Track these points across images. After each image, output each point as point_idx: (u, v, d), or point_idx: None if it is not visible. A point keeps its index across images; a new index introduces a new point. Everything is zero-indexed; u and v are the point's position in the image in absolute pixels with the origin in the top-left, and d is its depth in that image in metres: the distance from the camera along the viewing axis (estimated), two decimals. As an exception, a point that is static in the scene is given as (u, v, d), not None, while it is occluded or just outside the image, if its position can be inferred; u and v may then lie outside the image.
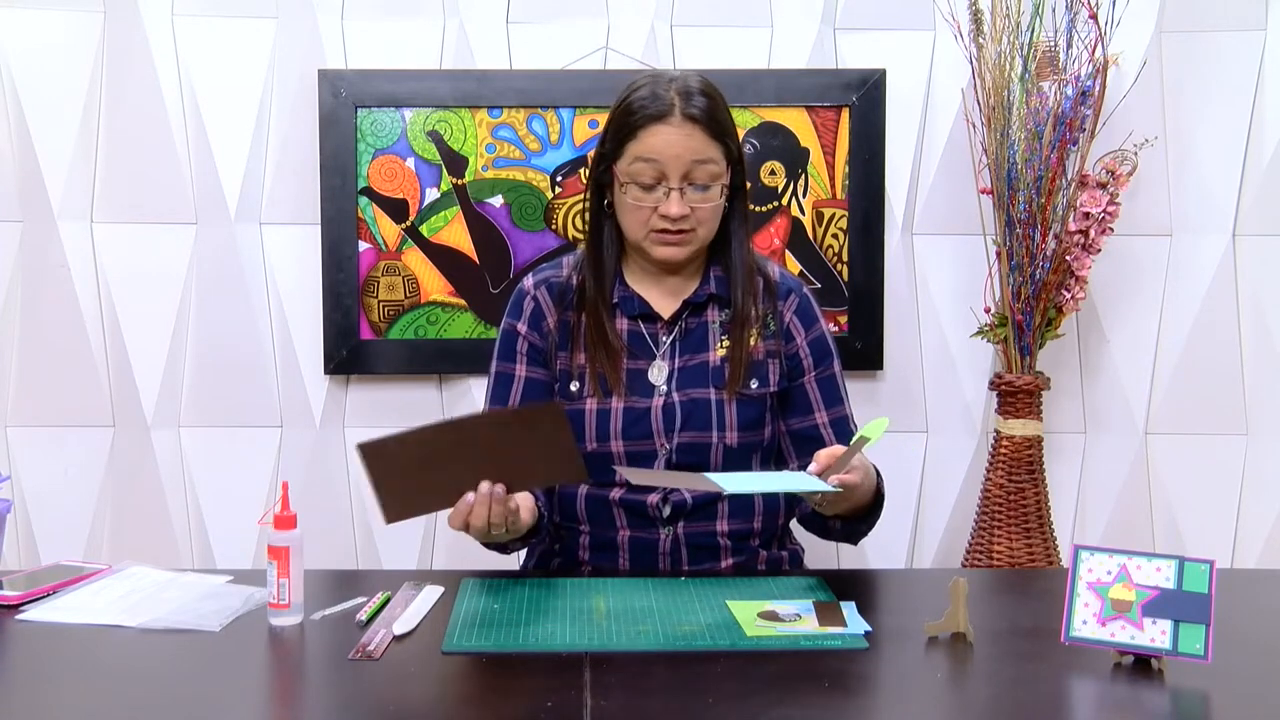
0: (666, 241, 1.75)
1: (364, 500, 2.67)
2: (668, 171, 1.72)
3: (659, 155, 1.72)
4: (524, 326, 1.84)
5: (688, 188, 1.73)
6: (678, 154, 1.72)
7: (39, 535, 2.64)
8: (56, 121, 2.58)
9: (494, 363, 1.86)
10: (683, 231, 1.75)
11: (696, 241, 1.77)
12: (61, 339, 2.61)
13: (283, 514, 1.50)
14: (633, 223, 1.77)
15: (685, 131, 1.72)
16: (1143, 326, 2.69)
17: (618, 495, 1.78)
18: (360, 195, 2.58)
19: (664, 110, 1.72)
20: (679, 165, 1.72)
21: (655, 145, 1.72)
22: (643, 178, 1.73)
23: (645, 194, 1.74)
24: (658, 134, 1.72)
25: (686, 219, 1.74)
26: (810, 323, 1.86)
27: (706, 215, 1.76)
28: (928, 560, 2.72)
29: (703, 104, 1.73)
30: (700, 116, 1.73)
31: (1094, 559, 1.38)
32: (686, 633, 1.45)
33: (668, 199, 1.72)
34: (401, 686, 1.31)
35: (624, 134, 1.75)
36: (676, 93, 1.73)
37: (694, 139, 1.72)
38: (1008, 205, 2.47)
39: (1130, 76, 2.57)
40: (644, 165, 1.73)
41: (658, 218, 1.74)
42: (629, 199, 1.75)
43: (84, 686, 1.33)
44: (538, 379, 1.82)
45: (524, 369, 1.83)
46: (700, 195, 1.74)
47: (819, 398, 1.84)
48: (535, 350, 1.83)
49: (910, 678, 1.37)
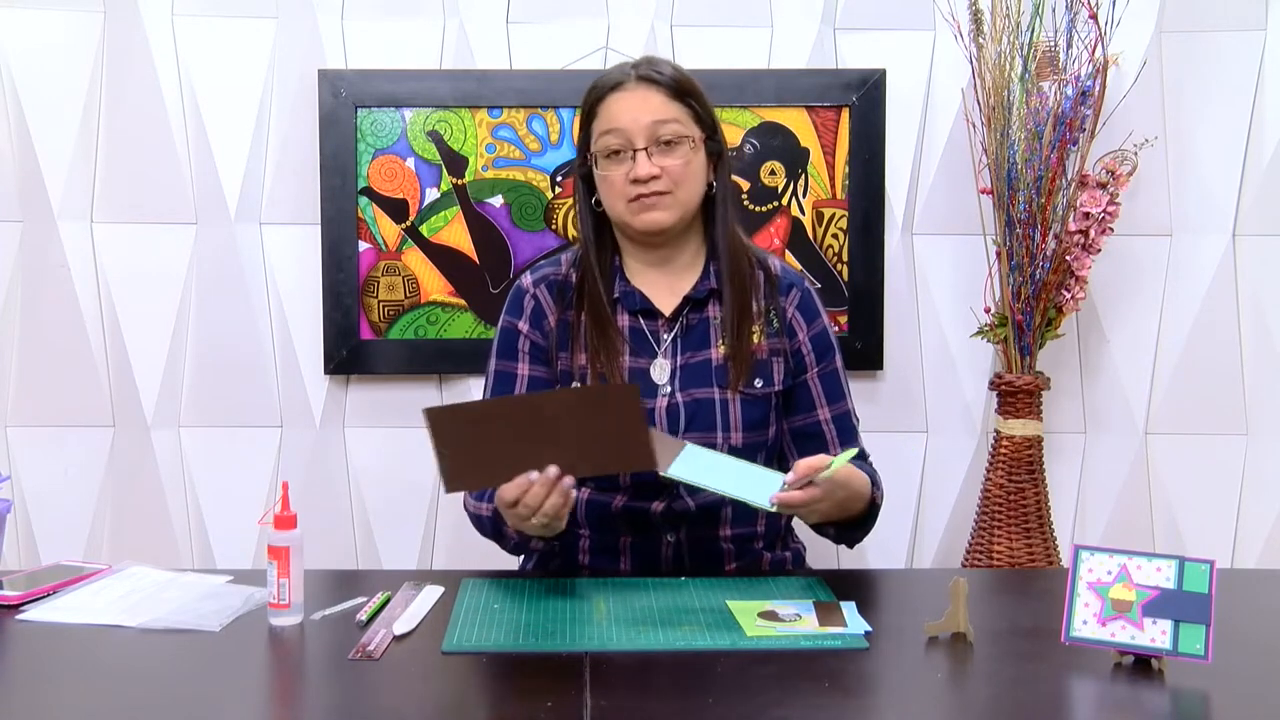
0: (645, 206, 1.75)
1: (364, 500, 2.68)
2: (631, 136, 1.74)
3: (619, 122, 1.74)
4: (525, 325, 1.82)
5: (654, 148, 1.74)
6: (635, 116, 1.74)
7: (39, 535, 2.64)
8: (56, 121, 2.58)
9: (493, 360, 1.84)
10: (659, 194, 1.74)
11: (676, 205, 1.76)
12: (61, 339, 2.61)
13: (283, 514, 1.50)
14: (611, 197, 1.77)
15: (641, 94, 1.75)
16: (1143, 326, 2.69)
17: (620, 503, 1.77)
18: (360, 195, 2.58)
19: (621, 79, 1.77)
20: (640, 128, 1.73)
21: (614, 113, 1.75)
22: (610, 146, 1.75)
23: (615, 163, 1.75)
24: (616, 101, 1.76)
25: (659, 180, 1.74)
26: (812, 318, 1.85)
27: (680, 174, 1.75)
28: (928, 560, 2.72)
29: (663, 69, 1.77)
30: (657, 78, 1.76)
31: (1094, 559, 1.38)
32: (686, 633, 1.45)
33: (635, 162, 1.73)
34: (401, 686, 1.31)
35: (588, 115, 1.79)
36: (633, 65, 1.78)
37: (651, 100, 1.75)
38: (1008, 205, 2.47)
39: (1130, 76, 2.57)
40: (609, 136, 1.75)
41: (630, 184, 1.74)
42: (601, 172, 1.77)
43: (84, 686, 1.33)
44: (540, 378, 1.81)
45: (526, 368, 1.82)
46: (668, 153, 1.74)
47: (821, 394, 1.83)
48: (537, 349, 1.82)
49: (910, 678, 1.37)
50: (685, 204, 1.77)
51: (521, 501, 1.53)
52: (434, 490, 2.68)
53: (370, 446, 2.67)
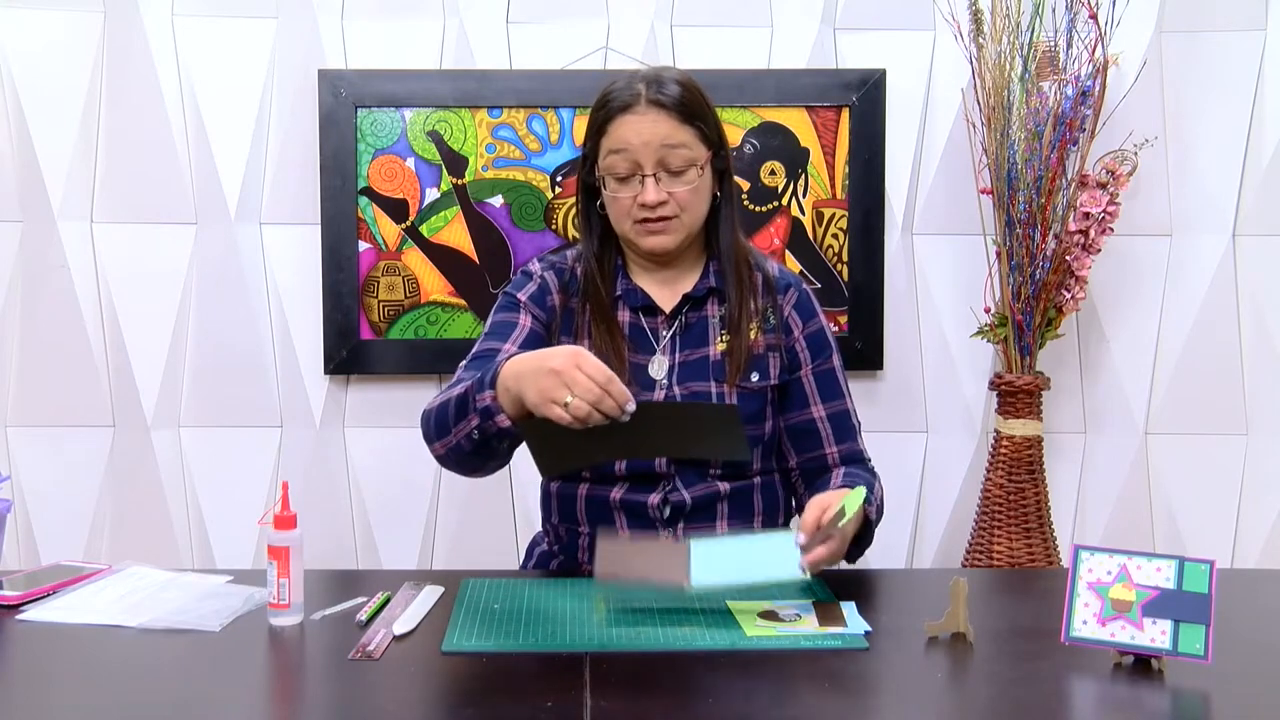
0: (651, 230, 1.76)
1: (364, 500, 2.68)
2: (640, 160, 1.73)
3: (628, 145, 1.73)
4: (525, 297, 1.83)
5: (663, 174, 1.73)
6: (646, 141, 1.72)
7: (39, 535, 2.64)
8: (56, 121, 2.58)
9: (492, 315, 1.83)
10: (665, 219, 1.75)
11: (682, 228, 1.77)
12: (61, 339, 2.61)
13: (283, 514, 1.50)
14: (617, 216, 1.78)
15: (652, 118, 1.73)
16: (1143, 326, 2.69)
17: (618, 496, 1.78)
18: (360, 195, 2.58)
19: (631, 100, 1.74)
20: (649, 152, 1.72)
21: (624, 135, 1.73)
22: (618, 170, 1.74)
23: (623, 186, 1.75)
24: (626, 124, 1.73)
25: (666, 205, 1.74)
26: (808, 317, 1.86)
27: (687, 200, 1.75)
28: (928, 560, 2.72)
29: (671, 90, 1.74)
30: (667, 102, 1.73)
31: (1094, 559, 1.38)
32: (686, 633, 1.45)
33: (644, 187, 1.73)
34: (401, 686, 1.31)
35: (597, 130, 1.77)
36: (643, 81, 1.75)
37: (662, 125, 1.73)
38: (1008, 205, 2.47)
39: (1130, 76, 2.57)
40: (617, 157, 1.74)
41: (637, 207, 1.74)
42: (609, 193, 1.77)
43: (84, 686, 1.33)
44: (539, 333, 1.81)
45: (528, 320, 1.81)
46: (676, 180, 1.74)
47: (815, 391, 1.84)
48: (537, 320, 1.82)
49: (910, 678, 1.37)
50: (691, 226, 1.79)
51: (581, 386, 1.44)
52: (434, 490, 2.68)
53: (370, 446, 2.67)
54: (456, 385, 1.67)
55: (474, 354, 1.77)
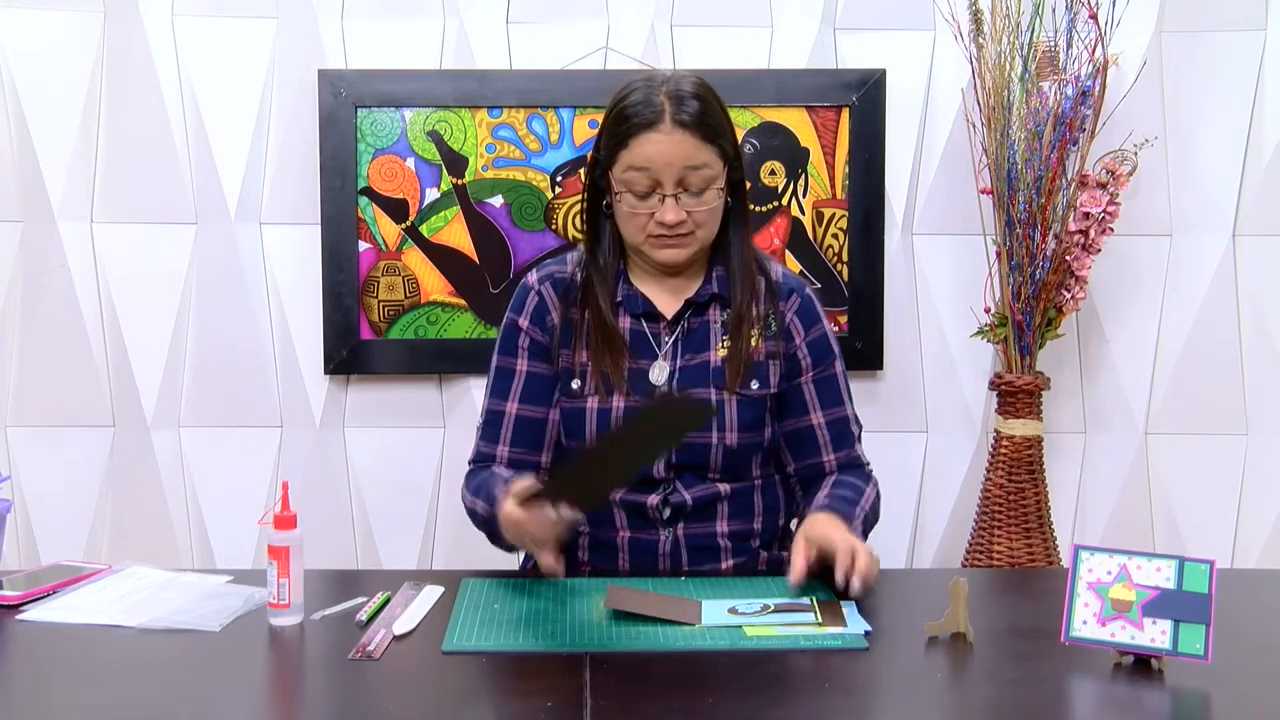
0: (666, 245, 1.75)
1: (364, 500, 2.68)
2: (661, 179, 1.71)
3: (651, 164, 1.71)
4: (525, 321, 1.83)
5: (682, 194, 1.72)
6: (669, 161, 1.71)
7: (39, 535, 2.64)
8: (56, 121, 2.58)
9: (495, 357, 1.86)
10: (681, 235, 1.75)
11: (696, 243, 1.77)
12: (61, 339, 2.61)
13: (283, 514, 1.50)
14: (630, 229, 1.77)
15: (676, 139, 1.71)
16: (1143, 326, 2.69)
17: (617, 495, 1.78)
18: (360, 195, 2.58)
19: (654, 118, 1.71)
20: (672, 172, 1.71)
21: (647, 154, 1.71)
22: (637, 186, 1.72)
23: (640, 202, 1.74)
24: (649, 142, 1.71)
25: (684, 223, 1.74)
26: (811, 323, 1.85)
27: (704, 218, 1.75)
28: (928, 560, 2.72)
29: (694, 108, 1.72)
30: (691, 121, 1.71)
31: (1094, 559, 1.38)
32: (686, 633, 1.45)
33: (663, 205, 1.72)
34: (401, 686, 1.31)
35: (617, 142, 1.74)
36: (667, 97, 1.72)
37: (685, 145, 1.71)
38: (1008, 205, 2.47)
39: (1130, 76, 2.57)
40: (637, 174, 1.72)
41: (654, 224, 1.74)
42: (625, 207, 1.75)
43: (84, 686, 1.33)
44: (539, 374, 1.82)
45: (525, 364, 1.82)
46: (695, 200, 1.73)
47: (815, 398, 1.83)
48: (537, 345, 1.82)
49: (910, 678, 1.37)
50: (704, 240, 1.78)
51: (525, 530, 1.58)
52: (434, 490, 2.68)
53: (370, 446, 2.67)
54: (479, 491, 1.78)
55: (484, 418, 1.85)
